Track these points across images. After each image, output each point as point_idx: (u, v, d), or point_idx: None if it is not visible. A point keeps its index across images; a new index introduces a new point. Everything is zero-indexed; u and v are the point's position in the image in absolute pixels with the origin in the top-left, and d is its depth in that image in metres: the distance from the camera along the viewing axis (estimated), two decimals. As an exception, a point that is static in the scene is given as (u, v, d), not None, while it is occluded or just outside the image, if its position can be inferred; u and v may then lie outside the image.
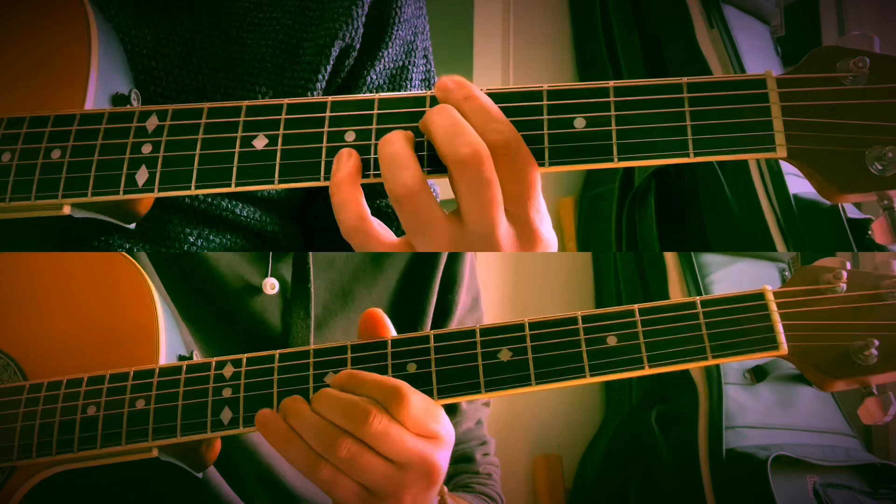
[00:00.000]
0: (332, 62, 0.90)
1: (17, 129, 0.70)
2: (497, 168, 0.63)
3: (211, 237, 0.88)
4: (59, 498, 0.74)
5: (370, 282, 0.95)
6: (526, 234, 0.66)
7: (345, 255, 0.94)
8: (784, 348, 0.68)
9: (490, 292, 1.90)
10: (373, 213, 0.93)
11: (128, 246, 0.83)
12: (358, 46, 0.92)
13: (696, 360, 0.68)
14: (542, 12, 2.18)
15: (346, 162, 0.65)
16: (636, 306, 0.69)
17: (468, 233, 0.65)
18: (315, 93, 0.90)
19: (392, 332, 0.72)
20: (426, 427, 0.66)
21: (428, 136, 0.65)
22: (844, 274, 0.69)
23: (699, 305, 0.69)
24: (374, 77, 0.94)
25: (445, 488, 0.79)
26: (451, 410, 1.01)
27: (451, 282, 0.99)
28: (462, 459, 1.02)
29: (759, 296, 0.70)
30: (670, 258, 1.87)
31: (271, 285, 0.89)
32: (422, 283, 0.97)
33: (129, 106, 0.75)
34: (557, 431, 1.95)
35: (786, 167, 1.83)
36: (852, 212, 1.78)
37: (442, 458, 0.67)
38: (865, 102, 0.63)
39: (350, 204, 0.65)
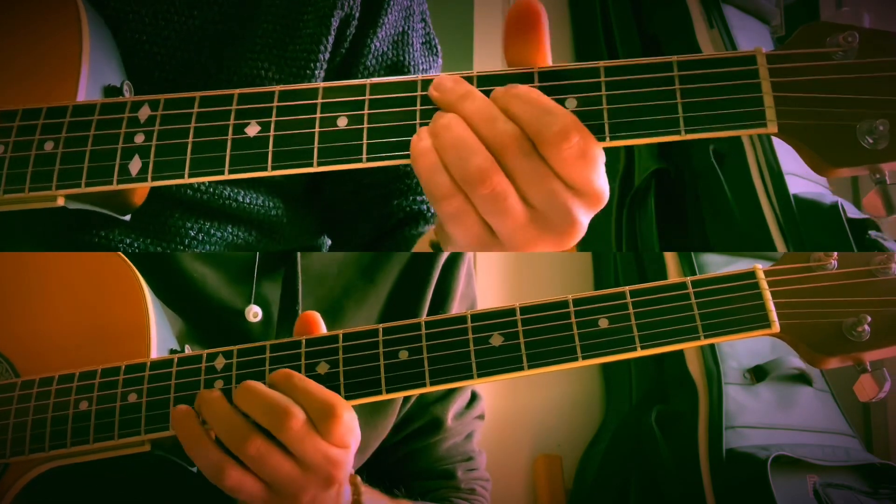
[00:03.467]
0: (333, 32, 0.90)
1: (10, 121, 0.70)
2: (514, 164, 0.62)
3: (212, 231, 0.88)
4: (54, 494, 0.74)
5: (361, 297, 0.94)
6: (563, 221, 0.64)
7: (336, 271, 0.93)
8: (776, 326, 0.68)
9: (490, 293, 1.89)
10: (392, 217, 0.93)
11: (128, 241, 0.83)
12: (357, 15, 0.92)
13: (687, 339, 0.67)
14: (541, 12, 2.17)
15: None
16: (627, 288, 0.69)
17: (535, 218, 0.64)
18: (319, 65, 0.90)
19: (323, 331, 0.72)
20: (344, 442, 0.67)
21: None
22: (835, 252, 0.69)
23: (690, 285, 0.69)
24: (378, 45, 0.94)
25: (359, 478, 0.78)
26: (435, 427, 1.00)
27: (443, 296, 0.98)
28: (442, 476, 1.01)
29: (751, 274, 0.69)
30: (670, 258, 1.87)
31: (254, 314, 0.87)
32: (413, 297, 0.96)
33: (121, 97, 0.75)
34: (557, 431, 1.94)
35: (785, 167, 1.83)
36: (852, 212, 1.78)
37: (348, 463, 0.68)
38: (855, 77, 0.63)
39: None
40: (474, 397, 1.04)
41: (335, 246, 1.05)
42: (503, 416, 1.83)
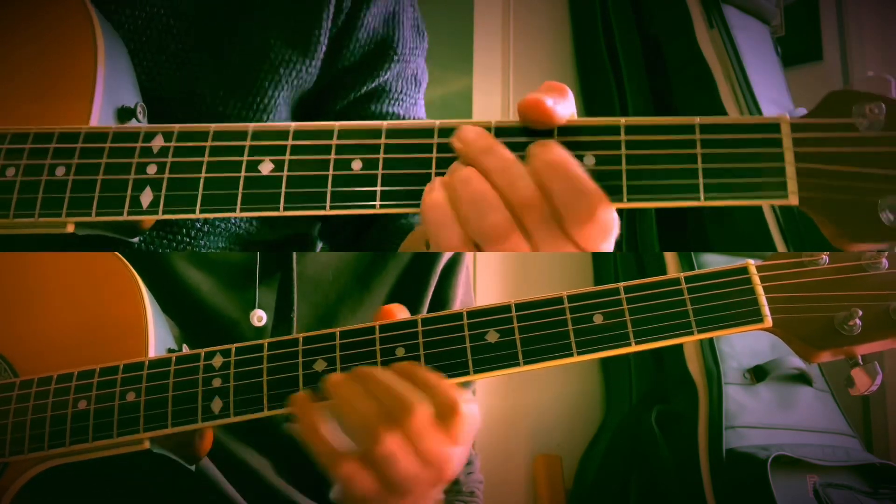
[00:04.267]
0: (333, 1, 0.93)
1: (22, 144, 0.70)
2: (531, 226, 0.62)
3: (216, 222, 0.89)
4: (53, 493, 0.74)
5: (356, 304, 0.94)
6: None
7: (331, 277, 0.93)
8: (768, 321, 0.68)
9: (490, 293, 1.90)
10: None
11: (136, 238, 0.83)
12: None
13: (681, 334, 0.68)
14: (542, 12, 2.18)
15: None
16: (621, 284, 0.69)
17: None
18: (321, 30, 0.92)
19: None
20: (463, 440, 0.65)
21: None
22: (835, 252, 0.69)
23: (683, 281, 0.69)
24: (370, 20, 0.96)
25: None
26: None
27: (442, 304, 0.97)
28: None
29: (743, 270, 0.69)
30: (670, 258, 1.87)
31: (258, 318, 0.88)
32: (410, 305, 0.95)
33: (133, 120, 0.75)
34: (557, 431, 1.94)
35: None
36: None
37: (460, 461, 0.67)
38: (879, 150, 0.61)
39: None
40: None
41: (325, 230, 1.05)
42: (503, 416, 1.83)
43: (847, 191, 0.61)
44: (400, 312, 0.71)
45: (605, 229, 0.62)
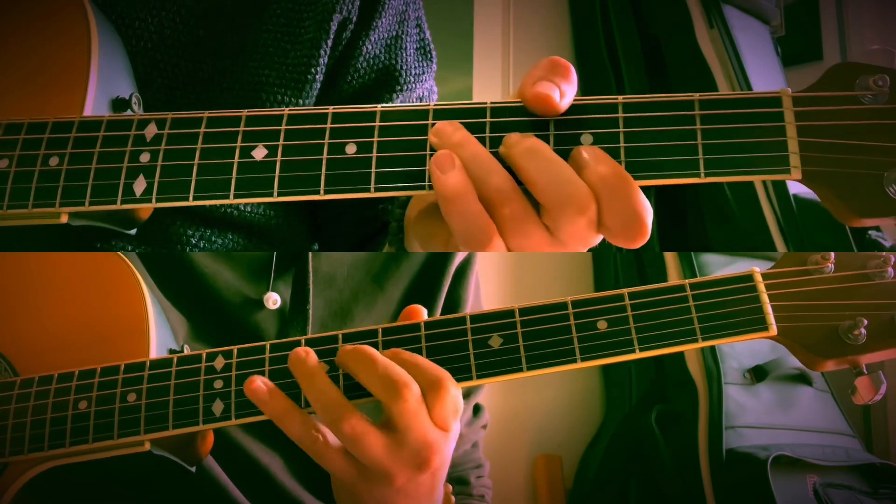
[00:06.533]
0: (332, 36, 0.90)
1: (15, 134, 0.69)
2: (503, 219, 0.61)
3: (213, 238, 0.88)
4: (53, 494, 0.73)
5: (370, 302, 0.94)
6: None
7: (346, 273, 0.93)
8: (773, 329, 0.67)
9: (490, 293, 1.89)
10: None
11: (129, 248, 0.82)
12: (355, 19, 0.92)
13: (686, 342, 0.67)
14: (542, 12, 2.18)
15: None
16: (625, 290, 0.69)
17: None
18: (318, 69, 0.90)
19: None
20: (446, 424, 0.65)
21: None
22: (832, 255, 0.69)
23: (688, 288, 0.68)
24: (370, 47, 0.94)
25: (450, 486, 0.78)
26: None
27: (455, 305, 0.97)
28: (457, 482, 1.01)
29: (748, 277, 0.69)
30: (670, 258, 1.87)
31: (273, 301, 0.87)
32: (424, 305, 0.95)
33: (128, 111, 0.74)
34: (557, 431, 1.94)
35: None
36: (852, 211, 1.78)
37: (445, 450, 0.66)
38: (883, 123, 0.60)
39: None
40: (478, 407, 1.05)
41: (322, 249, 1.04)
42: (503, 416, 1.83)
43: (851, 164, 0.60)
44: (423, 314, 0.71)
45: (594, 224, 0.60)
